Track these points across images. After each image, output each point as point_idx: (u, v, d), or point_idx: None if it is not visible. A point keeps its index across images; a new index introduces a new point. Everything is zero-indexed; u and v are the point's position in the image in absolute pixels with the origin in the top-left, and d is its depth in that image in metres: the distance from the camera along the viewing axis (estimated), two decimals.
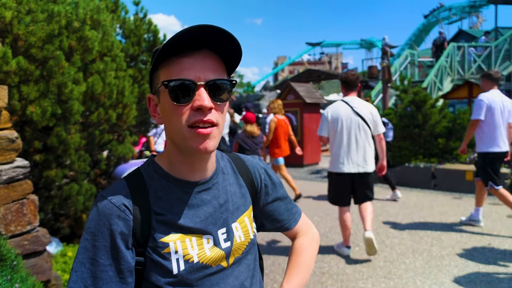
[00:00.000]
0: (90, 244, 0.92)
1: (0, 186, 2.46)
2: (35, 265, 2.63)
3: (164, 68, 0.96)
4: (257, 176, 1.20)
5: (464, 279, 3.77)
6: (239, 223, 1.10)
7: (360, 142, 4.20)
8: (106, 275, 0.91)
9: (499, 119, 4.88)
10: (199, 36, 0.90)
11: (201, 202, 1.02)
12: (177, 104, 0.92)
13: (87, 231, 0.93)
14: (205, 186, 1.04)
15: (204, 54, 0.95)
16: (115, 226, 0.92)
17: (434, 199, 7.17)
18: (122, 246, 0.92)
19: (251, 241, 1.12)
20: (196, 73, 0.92)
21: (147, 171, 1.04)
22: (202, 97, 0.91)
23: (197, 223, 1.00)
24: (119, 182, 1.01)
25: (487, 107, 4.87)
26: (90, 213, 0.96)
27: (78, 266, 0.91)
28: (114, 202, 0.94)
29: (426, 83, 16.24)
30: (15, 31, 3.28)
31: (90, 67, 4.09)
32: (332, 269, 4.12)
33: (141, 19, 5.47)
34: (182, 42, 0.91)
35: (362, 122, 4.20)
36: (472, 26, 40.34)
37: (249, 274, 1.10)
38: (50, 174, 3.77)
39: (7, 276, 1.62)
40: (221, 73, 0.97)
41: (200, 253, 0.99)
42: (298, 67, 67.36)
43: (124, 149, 4.70)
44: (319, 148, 12.95)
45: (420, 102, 8.69)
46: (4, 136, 2.48)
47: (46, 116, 3.44)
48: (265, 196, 1.21)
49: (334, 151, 4.31)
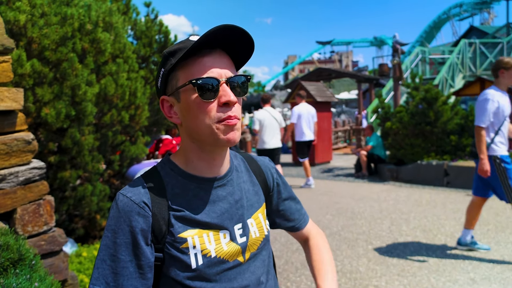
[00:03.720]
0: (111, 241, 0.95)
1: (17, 187, 2.50)
2: (52, 264, 2.67)
3: (184, 68, 0.98)
4: (269, 175, 1.24)
5: (479, 276, 3.73)
6: (254, 219, 1.13)
7: (275, 131, 7.54)
8: (127, 271, 0.93)
9: None
10: (220, 36, 0.95)
11: (217, 198, 1.05)
12: (206, 100, 0.96)
13: (108, 228, 0.96)
14: (220, 183, 1.07)
15: (219, 53, 0.99)
16: (135, 222, 0.95)
17: (447, 197, 7.11)
18: (142, 242, 0.95)
19: (265, 237, 1.15)
20: (218, 71, 0.97)
21: (164, 169, 1.07)
22: (228, 93, 0.96)
23: (214, 218, 1.03)
24: (137, 180, 1.03)
25: None
26: (110, 212, 0.98)
27: (100, 263, 0.94)
28: (133, 200, 0.97)
29: (437, 80, 16.08)
30: (29, 34, 3.33)
31: (103, 68, 4.14)
32: (345, 267, 4.11)
33: (152, 20, 5.51)
34: (203, 42, 0.94)
35: (274, 121, 7.55)
36: (484, 22, 39.83)
37: (264, 270, 1.13)
38: (65, 175, 3.82)
39: (26, 275, 1.65)
40: (234, 70, 1.03)
41: (217, 248, 1.01)
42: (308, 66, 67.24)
43: (136, 149, 4.74)
44: (330, 147, 12.90)
45: (432, 99, 8.60)
46: (21, 138, 2.52)
47: (60, 118, 3.49)
48: (277, 195, 1.25)
49: (263, 137, 7.52)
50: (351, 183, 9.01)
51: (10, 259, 1.65)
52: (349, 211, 6.39)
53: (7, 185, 2.45)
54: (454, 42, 26.84)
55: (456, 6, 39.69)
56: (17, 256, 1.68)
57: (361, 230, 5.33)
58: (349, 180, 9.37)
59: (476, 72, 18.01)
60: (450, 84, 17.01)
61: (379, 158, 9.86)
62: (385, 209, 6.37)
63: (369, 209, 6.46)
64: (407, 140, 8.95)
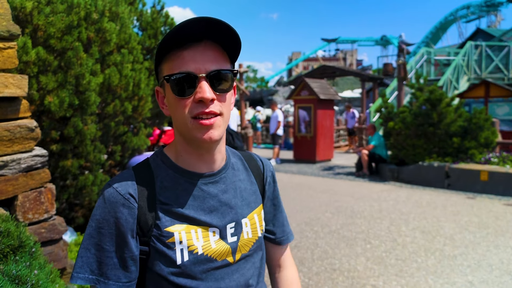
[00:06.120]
0: (95, 231, 0.94)
1: (19, 174, 2.50)
2: (51, 252, 2.67)
3: (166, 61, 0.97)
4: (267, 177, 1.21)
5: (477, 279, 3.73)
6: (249, 219, 1.10)
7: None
8: (111, 261, 0.93)
9: None
10: (198, 28, 0.91)
11: (208, 195, 1.02)
12: (180, 97, 0.94)
13: (93, 218, 0.95)
14: (212, 179, 1.04)
15: (204, 45, 0.95)
16: (120, 214, 0.94)
17: (448, 199, 7.10)
18: (127, 234, 0.94)
19: (258, 239, 1.12)
20: (197, 65, 0.93)
21: (155, 161, 1.05)
22: (204, 89, 0.91)
23: (202, 215, 1.00)
24: (126, 172, 1.02)
25: None
26: (97, 201, 0.97)
27: (84, 252, 0.93)
28: (119, 191, 0.95)
29: (442, 82, 16.03)
30: (35, 22, 3.31)
31: (108, 59, 4.13)
32: (343, 266, 4.12)
33: (158, 11, 5.49)
34: (181, 35, 0.91)
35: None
36: (491, 25, 39.62)
37: (255, 272, 1.10)
38: (66, 164, 3.82)
39: (26, 262, 1.65)
40: (222, 63, 0.97)
41: (205, 245, 0.99)
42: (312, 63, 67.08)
43: (138, 140, 4.73)
44: (332, 145, 12.89)
45: (436, 101, 8.58)
46: (24, 125, 2.51)
47: (64, 107, 3.48)
48: (266, 200, 1.21)
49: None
50: (351, 182, 9.01)
51: (10, 246, 1.66)
52: (348, 209, 6.39)
53: (9, 172, 2.45)
54: (460, 44, 26.70)
55: (463, 8, 39.49)
56: (17, 243, 1.68)
57: (360, 229, 5.33)
58: (349, 179, 9.37)
59: (481, 75, 17.94)
60: (454, 86, 16.96)
61: (380, 157, 9.85)
62: (384, 209, 6.37)
63: (369, 208, 6.46)
64: (409, 140, 8.93)
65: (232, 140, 5.09)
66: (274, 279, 1.26)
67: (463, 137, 8.52)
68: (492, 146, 8.68)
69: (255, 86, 42.13)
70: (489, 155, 8.35)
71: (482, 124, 8.47)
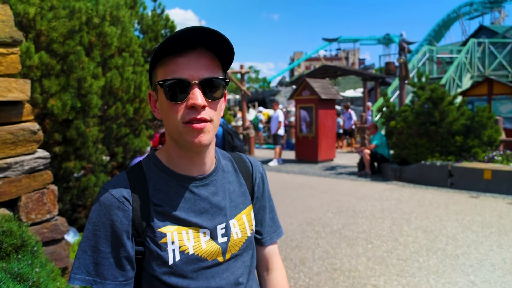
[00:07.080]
0: (91, 233, 0.98)
1: (22, 176, 2.55)
2: (53, 252, 2.72)
3: (161, 67, 0.99)
4: (256, 178, 1.24)
5: (479, 279, 3.74)
6: (237, 220, 1.13)
7: None
8: (107, 262, 0.97)
9: None
10: (193, 37, 0.94)
11: (199, 197, 1.06)
12: (173, 102, 0.97)
13: (89, 221, 0.99)
14: (202, 182, 1.08)
15: (199, 53, 0.98)
16: (115, 216, 0.98)
17: (451, 198, 7.10)
18: (122, 235, 0.98)
19: (248, 239, 1.15)
20: (190, 72, 0.95)
21: (148, 164, 1.09)
22: (196, 96, 0.94)
23: (193, 217, 1.04)
24: (120, 175, 1.06)
25: None
26: (93, 205, 1.01)
27: (81, 254, 0.98)
28: (113, 194, 0.99)
29: (444, 80, 15.97)
30: (38, 27, 3.37)
31: (109, 62, 4.18)
32: (344, 266, 4.14)
33: (158, 15, 5.54)
34: (177, 42, 0.94)
35: None
36: (494, 21, 39.39)
37: (245, 271, 1.13)
38: (69, 165, 3.87)
39: (28, 261, 1.69)
40: (215, 71, 1.00)
41: (196, 246, 1.03)
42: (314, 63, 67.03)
43: (140, 142, 4.79)
44: (334, 145, 12.89)
45: (437, 99, 8.56)
46: (27, 128, 2.56)
47: (66, 109, 3.54)
48: (255, 201, 1.24)
49: None
50: (353, 182, 9.02)
51: (13, 245, 1.70)
52: (350, 209, 6.40)
53: (13, 174, 2.50)
54: (463, 42, 26.58)
55: (466, 5, 39.32)
56: (19, 242, 1.73)
57: (361, 229, 5.35)
58: (351, 179, 9.38)
59: (484, 72, 17.85)
60: (457, 84, 16.89)
61: (382, 157, 9.85)
62: (386, 209, 6.38)
63: (371, 208, 6.47)
64: (411, 139, 8.92)
65: (231, 140, 5.12)
66: (262, 281, 1.28)
67: (466, 135, 8.50)
68: (496, 144, 8.63)
69: (257, 86, 42.14)
70: (492, 154, 8.32)
71: (485, 122, 8.44)
